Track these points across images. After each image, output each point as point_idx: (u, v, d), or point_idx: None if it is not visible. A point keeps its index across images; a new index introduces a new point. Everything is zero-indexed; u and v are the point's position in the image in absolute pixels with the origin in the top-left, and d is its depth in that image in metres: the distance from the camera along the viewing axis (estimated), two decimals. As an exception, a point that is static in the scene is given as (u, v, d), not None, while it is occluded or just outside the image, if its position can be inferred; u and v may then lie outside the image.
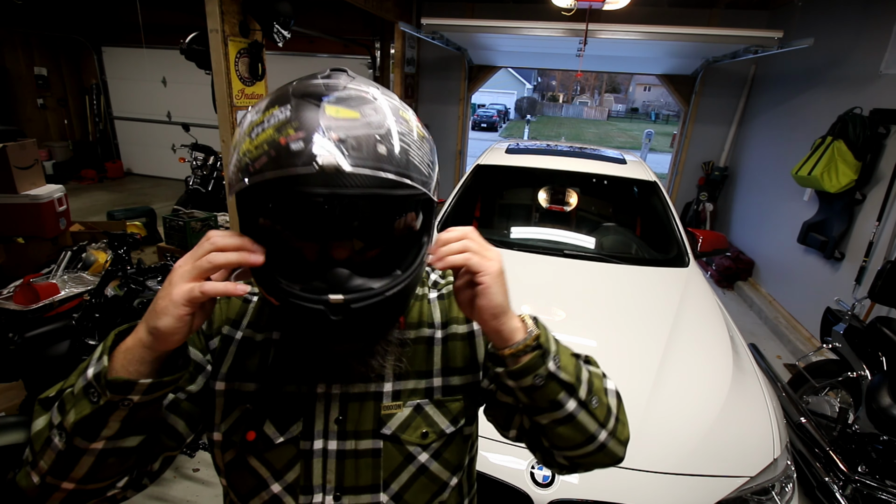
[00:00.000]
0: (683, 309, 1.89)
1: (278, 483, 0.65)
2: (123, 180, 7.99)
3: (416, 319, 0.71)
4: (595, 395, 0.61)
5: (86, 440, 0.52)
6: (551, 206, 2.67)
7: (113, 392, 0.50)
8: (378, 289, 0.52)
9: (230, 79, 2.95)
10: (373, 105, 0.51)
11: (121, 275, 1.79)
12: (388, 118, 0.51)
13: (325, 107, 0.48)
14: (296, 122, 0.47)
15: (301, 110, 0.48)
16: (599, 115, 39.82)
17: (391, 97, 0.55)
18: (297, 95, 0.50)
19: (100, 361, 0.51)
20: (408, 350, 0.68)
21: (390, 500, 0.66)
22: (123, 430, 0.53)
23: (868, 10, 3.52)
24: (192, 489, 2.10)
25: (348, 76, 0.55)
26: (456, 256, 0.55)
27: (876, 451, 1.92)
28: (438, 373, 0.69)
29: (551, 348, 0.58)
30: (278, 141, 0.47)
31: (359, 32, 6.22)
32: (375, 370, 0.64)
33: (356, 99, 0.50)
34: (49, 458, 0.53)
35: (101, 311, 1.73)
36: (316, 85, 0.51)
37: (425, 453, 0.67)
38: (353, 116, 0.49)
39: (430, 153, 0.55)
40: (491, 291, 0.55)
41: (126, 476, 0.58)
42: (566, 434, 0.61)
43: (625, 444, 0.65)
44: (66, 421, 0.51)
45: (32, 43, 7.01)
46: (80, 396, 0.51)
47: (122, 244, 1.85)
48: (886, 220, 3.01)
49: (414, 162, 0.51)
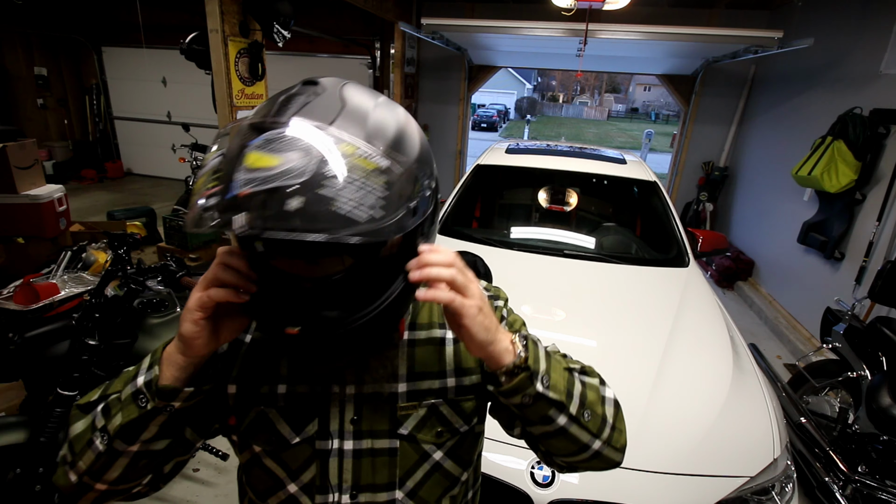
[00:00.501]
0: (683, 309, 1.89)
1: (294, 483, 0.66)
2: (123, 180, 7.99)
3: (427, 320, 0.72)
4: (588, 409, 0.63)
5: (125, 443, 0.57)
6: (551, 206, 2.67)
7: (160, 399, 0.56)
8: (337, 321, 0.53)
9: (230, 79, 2.95)
10: (302, 146, 0.46)
11: (121, 275, 1.79)
12: (314, 162, 0.45)
13: (245, 154, 0.46)
14: (219, 173, 0.47)
15: (229, 156, 0.48)
16: (599, 115, 39.81)
17: (353, 119, 0.51)
18: (240, 134, 0.49)
19: (150, 370, 0.58)
20: (417, 350, 0.69)
21: (405, 497, 0.68)
22: (160, 433, 0.59)
23: (868, 10, 3.52)
24: (192, 489, 2.10)
25: (314, 92, 0.52)
26: (441, 294, 0.54)
27: (876, 451, 1.92)
28: (451, 373, 0.70)
29: (540, 368, 0.60)
30: (202, 193, 0.47)
31: (359, 32, 6.22)
32: (375, 378, 0.66)
33: (286, 141, 0.47)
34: (88, 459, 0.58)
35: (101, 311, 1.73)
36: (262, 119, 0.49)
37: (440, 451, 0.69)
38: (269, 165, 0.45)
39: (384, 187, 0.48)
40: (473, 331, 0.56)
41: (150, 475, 0.64)
42: (559, 444, 0.64)
43: (622, 450, 0.67)
44: (111, 424, 0.57)
45: (32, 43, 7.01)
46: (128, 402, 0.57)
47: (122, 244, 1.85)
48: (886, 220, 3.01)
49: (336, 211, 0.45)
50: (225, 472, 2.19)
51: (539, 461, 1.29)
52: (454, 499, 0.73)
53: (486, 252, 2.20)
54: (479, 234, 2.54)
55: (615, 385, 0.72)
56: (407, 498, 0.68)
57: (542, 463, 1.29)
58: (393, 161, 0.51)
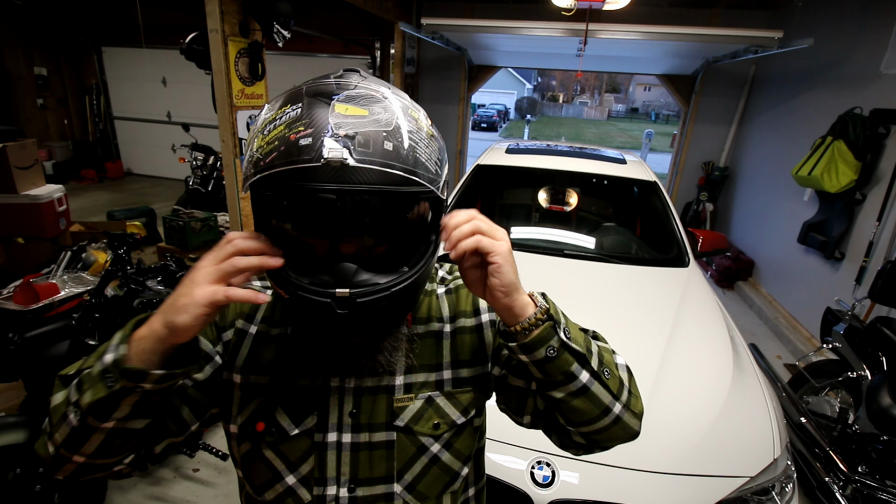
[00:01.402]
0: (683, 309, 1.89)
1: (293, 475, 0.66)
2: (123, 180, 7.99)
3: (426, 314, 0.73)
4: (607, 367, 0.62)
5: (98, 420, 0.54)
6: (551, 206, 2.67)
7: (127, 379, 0.52)
8: (384, 284, 0.54)
9: (230, 79, 2.95)
10: (382, 104, 0.53)
11: (121, 275, 1.79)
12: (396, 116, 0.52)
13: (334, 105, 0.51)
14: (306, 119, 0.50)
15: (312, 108, 0.51)
16: (599, 115, 39.81)
17: (402, 96, 0.57)
18: (310, 94, 0.52)
19: (118, 349, 0.54)
20: (416, 345, 0.70)
21: (404, 491, 0.68)
22: (134, 413, 0.55)
23: (868, 10, 3.52)
24: (192, 489, 2.10)
25: (360, 76, 0.57)
26: (467, 241, 0.56)
27: (876, 451, 1.92)
28: (448, 365, 0.71)
29: (561, 320, 0.60)
30: (288, 137, 0.49)
31: (359, 32, 6.22)
32: (383, 365, 0.66)
33: (366, 97, 0.52)
34: (63, 432, 0.56)
35: (101, 311, 1.73)
36: (328, 84, 0.54)
37: (437, 444, 0.69)
38: (361, 114, 0.50)
39: (438, 152, 0.57)
40: (503, 270, 0.56)
41: (132, 454, 0.61)
42: (581, 407, 0.61)
43: (640, 417, 0.66)
44: (83, 400, 0.54)
45: (32, 43, 7.01)
46: (96, 379, 0.54)
47: (122, 244, 1.85)
48: (886, 220, 3.01)
49: (421, 159, 0.53)
50: (225, 472, 2.19)
51: (539, 461, 1.29)
52: (455, 494, 0.73)
53: (486, 252, 2.20)
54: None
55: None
56: (405, 491, 0.68)
57: (542, 462, 1.29)
58: (437, 133, 0.59)
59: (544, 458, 1.30)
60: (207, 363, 0.67)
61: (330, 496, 0.66)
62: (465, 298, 0.75)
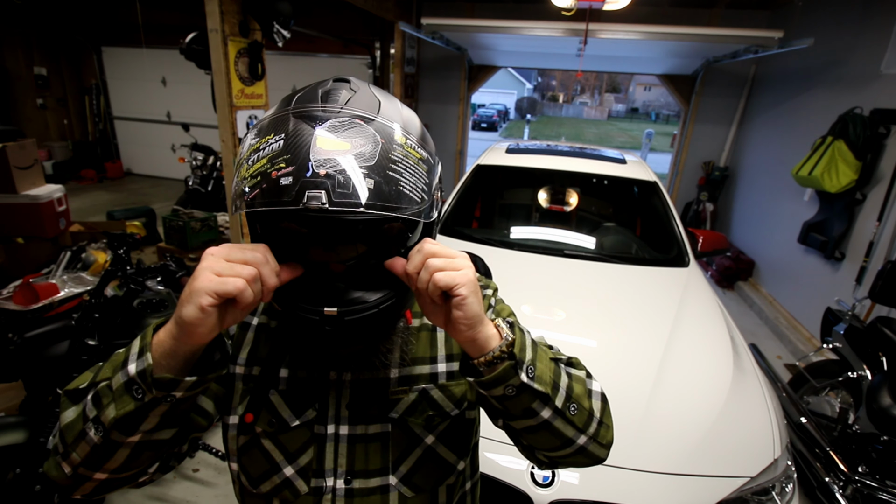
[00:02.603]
0: (683, 309, 1.89)
1: (291, 466, 0.67)
2: (123, 180, 7.99)
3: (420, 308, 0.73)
4: (574, 402, 0.61)
5: (123, 434, 0.52)
6: (551, 206, 2.66)
7: (158, 389, 0.50)
8: (372, 302, 0.56)
9: (230, 79, 2.95)
10: (367, 133, 0.52)
11: (120, 275, 1.79)
12: (380, 146, 0.52)
13: (316, 137, 0.50)
14: (287, 155, 0.49)
15: (294, 139, 0.50)
16: (599, 115, 39.80)
17: (391, 113, 0.56)
18: (296, 116, 0.52)
19: (142, 358, 0.51)
20: (412, 339, 0.71)
21: (399, 482, 0.69)
22: (162, 423, 0.54)
23: (868, 10, 3.52)
24: (192, 489, 2.10)
25: (350, 89, 0.56)
26: (430, 285, 0.53)
27: (876, 451, 1.92)
28: (442, 359, 0.72)
29: (526, 357, 0.57)
30: (270, 174, 0.49)
31: (359, 32, 6.22)
32: (376, 365, 0.68)
33: (350, 127, 0.52)
34: (83, 450, 0.54)
35: (100, 312, 1.73)
36: (313, 107, 0.53)
37: (431, 436, 0.70)
38: (343, 148, 0.50)
39: (427, 175, 0.56)
40: (467, 303, 0.53)
41: (157, 462, 0.60)
42: (541, 439, 0.61)
43: (608, 446, 0.65)
44: (105, 416, 0.52)
45: (32, 43, 7.00)
46: (121, 392, 0.51)
47: (121, 244, 1.85)
48: (887, 220, 3.01)
49: (405, 191, 0.52)
50: (225, 472, 2.19)
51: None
52: (451, 488, 0.74)
53: (486, 252, 2.20)
54: (479, 234, 2.54)
55: (615, 385, 0.72)
56: (401, 483, 0.68)
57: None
58: (426, 152, 0.58)
59: (544, 458, 1.30)
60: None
61: (327, 487, 0.67)
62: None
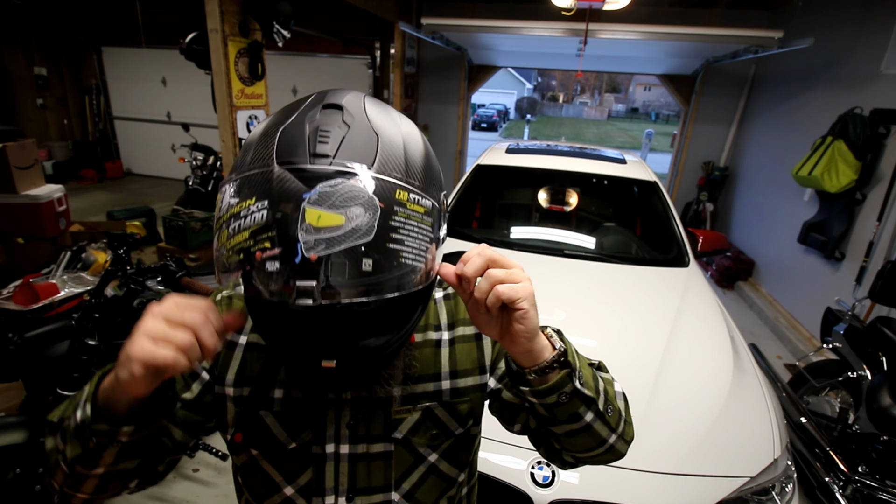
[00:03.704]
0: (683, 309, 1.89)
1: (291, 486, 0.66)
2: (123, 180, 7.99)
3: (423, 323, 0.71)
4: (610, 404, 0.62)
5: (86, 468, 0.54)
6: (551, 206, 2.66)
7: (98, 438, 0.51)
8: (375, 348, 0.54)
9: (230, 79, 2.95)
10: (362, 197, 0.45)
11: (120, 275, 1.79)
12: (378, 217, 0.45)
13: (305, 211, 0.43)
14: (272, 233, 0.43)
15: (279, 210, 0.44)
16: (599, 115, 39.80)
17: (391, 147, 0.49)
18: (279, 178, 0.45)
19: (84, 408, 0.51)
20: (414, 354, 0.69)
21: (402, 499, 0.68)
22: (119, 458, 0.54)
23: (868, 10, 3.52)
24: (192, 489, 2.10)
25: (343, 121, 0.49)
26: (489, 297, 0.50)
27: (876, 451, 1.92)
28: (446, 376, 0.69)
29: (577, 365, 0.58)
30: (254, 255, 0.44)
31: (359, 32, 6.22)
32: (376, 391, 0.66)
33: (342, 192, 0.44)
34: (59, 477, 0.57)
35: (100, 311, 1.73)
36: (300, 162, 0.45)
37: (435, 454, 0.69)
38: (336, 223, 0.43)
39: (430, 228, 0.50)
40: (529, 316, 0.51)
41: (135, 480, 0.61)
42: (580, 441, 0.61)
43: (630, 442, 0.66)
44: (66, 453, 0.54)
45: (32, 43, 7.00)
46: (72, 436, 0.53)
47: (121, 244, 1.85)
48: (887, 220, 3.01)
49: (408, 259, 0.47)
50: (225, 472, 2.19)
51: (539, 461, 1.29)
52: (451, 499, 0.73)
53: (486, 252, 2.20)
54: (479, 234, 2.54)
55: (615, 385, 0.72)
56: (403, 500, 0.68)
57: (542, 462, 1.29)
58: (432, 198, 0.52)
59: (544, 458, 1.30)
60: (194, 381, 0.66)
61: None
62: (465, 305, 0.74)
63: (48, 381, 1.70)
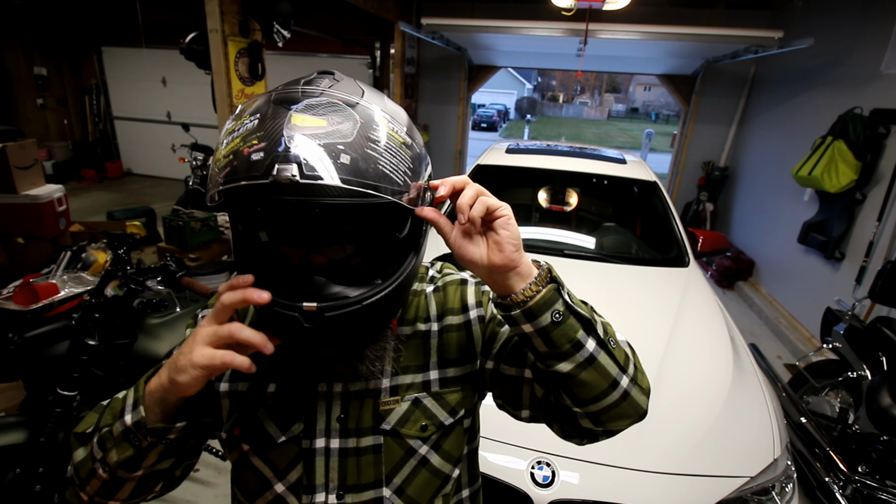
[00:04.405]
0: (683, 309, 1.89)
1: (281, 483, 0.66)
2: (123, 180, 7.99)
3: (413, 315, 0.71)
4: (611, 337, 0.61)
5: (128, 471, 0.58)
6: (551, 206, 2.66)
7: (152, 437, 0.56)
8: (354, 298, 0.53)
9: (230, 79, 2.95)
10: (344, 112, 0.50)
11: (121, 275, 1.79)
12: (358, 125, 0.50)
13: (291, 115, 0.48)
14: (260, 132, 0.48)
15: (269, 119, 0.49)
16: (599, 115, 39.80)
17: (373, 102, 0.54)
18: (276, 102, 0.51)
19: (136, 410, 0.57)
20: (402, 348, 0.69)
21: (393, 495, 0.67)
22: (161, 458, 0.60)
23: (868, 10, 3.52)
24: (192, 489, 2.10)
25: (333, 79, 0.55)
26: (476, 207, 0.55)
27: (876, 451, 1.92)
28: (435, 365, 0.70)
29: (563, 282, 0.59)
30: (242, 151, 0.48)
31: (359, 32, 6.22)
32: (364, 375, 0.65)
33: (327, 106, 0.50)
34: (95, 485, 0.60)
35: (100, 312, 1.72)
36: (293, 91, 0.52)
37: (425, 446, 0.68)
38: (319, 125, 0.48)
39: (410, 161, 0.54)
40: (512, 221, 0.56)
41: (161, 482, 0.65)
42: (589, 380, 0.57)
43: (647, 393, 0.63)
44: (109, 458, 0.57)
45: (32, 43, 7.00)
46: (120, 439, 0.57)
47: (121, 244, 1.85)
48: (886, 220, 3.01)
49: (385, 171, 0.50)
50: (225, 472, 2.19)
51: (539, 461, 1.29)
52: (447, 497, 0.72)
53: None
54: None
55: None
56: (395, 496, 0.67)
57: (542, 462, 1.29)
58: (412, 140, 0.56)
59: (544, 458, 1.30)
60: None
61: (318, 503, 0.65)
62: (454, 295, 0.73)
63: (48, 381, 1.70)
